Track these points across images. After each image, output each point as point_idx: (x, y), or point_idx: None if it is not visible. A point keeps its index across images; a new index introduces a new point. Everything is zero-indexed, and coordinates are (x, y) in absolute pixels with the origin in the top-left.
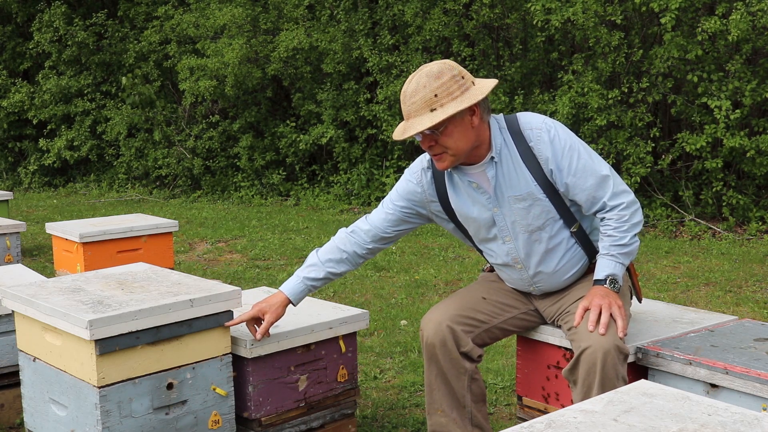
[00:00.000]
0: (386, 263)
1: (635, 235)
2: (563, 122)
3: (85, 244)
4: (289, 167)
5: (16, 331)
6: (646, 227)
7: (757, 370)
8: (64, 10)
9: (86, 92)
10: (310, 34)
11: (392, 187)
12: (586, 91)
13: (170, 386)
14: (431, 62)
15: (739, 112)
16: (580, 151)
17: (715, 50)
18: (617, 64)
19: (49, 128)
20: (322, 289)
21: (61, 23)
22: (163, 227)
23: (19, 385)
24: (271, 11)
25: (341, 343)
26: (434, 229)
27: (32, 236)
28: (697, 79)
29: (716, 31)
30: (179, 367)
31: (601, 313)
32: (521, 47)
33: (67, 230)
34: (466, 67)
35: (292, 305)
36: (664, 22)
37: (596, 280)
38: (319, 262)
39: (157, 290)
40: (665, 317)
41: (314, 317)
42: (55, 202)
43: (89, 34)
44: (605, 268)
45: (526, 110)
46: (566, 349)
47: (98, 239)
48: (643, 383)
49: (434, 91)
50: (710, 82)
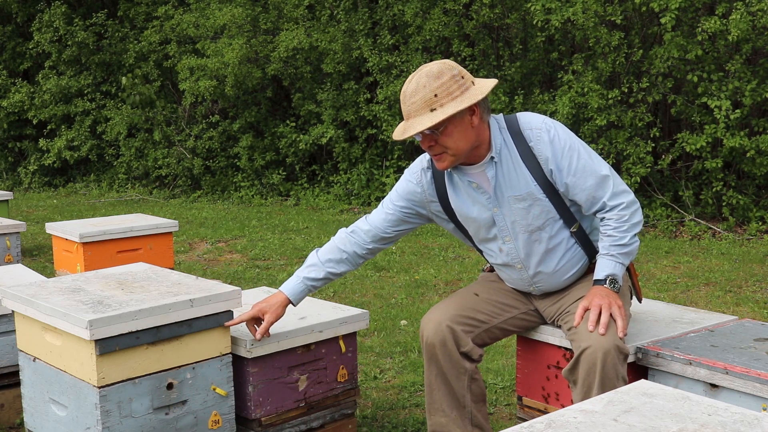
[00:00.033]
0: (386, 263)
1: (635, 235)
2: (563, 122)
3: (85, 244)
4: (289, 167)
5: (16, 331)
6: (646, 227)
7: (757, 370)
8: (64, 10)
9: (86, 92)
10: (310, 34)
11: (392, 187)
12: (586, 91)
13: (170, 386)
14: (431, 62)
15: (739, 112)
16: (579, 151)
17: (715, 50)
18: (617, 64)
19: (49, 128)
20: (322, 289)
21: (61, 23)
22: (163, 227)
23: (19, 385)
24: (271, 11)
25: (341, 343)
26: (434, 229)
27: (32, 236)
28: (697, 79)
29: (716, 31)
30: (179, 367)
31: (601, 313)
32: (521, 47)
33: (67, 230)
34: (466, 67)
35: (292, 305)
36: (664, 22)
37: (596, 280)
38: (319, 262)
39: (157, 290)
40: (665, 317)
41: (314, 317)
42: (55, 202)
43: (89, 34)
44: (605, 268)
45: (526, 110)
46: (566, 349)
47: (98, 239)
48: (643, 383)
49: (434, 91)
50: (710, 82)
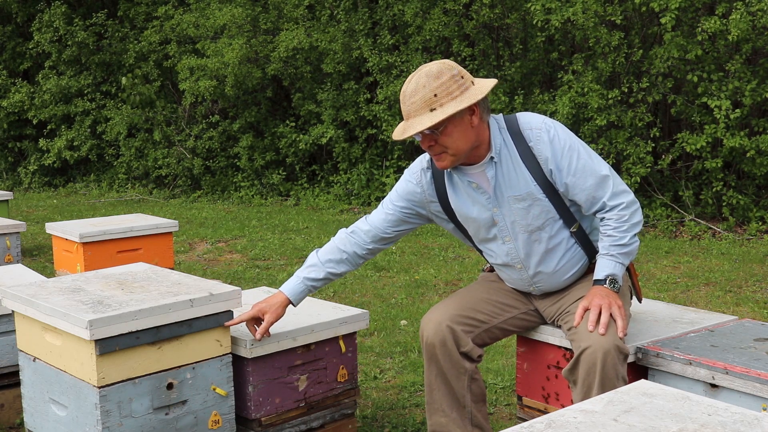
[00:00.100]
0: (386, 263)
1: (635, 235)
2: (563, 122)
3: (85, 244)
4: (289, 167)
5: (16, 331)
6: (646, 227)
7: (757, 370)
8: (64, 10)
9: (86, 92)
10: (310, 34)
11: (392, 187)
12: (586, 91)
13: (170, 386)
14: (431, 62)
15: (739, 112)
16: (579, 151)
17: (715, 50)
18: (617, 64)
19: (49, 128)
20: (322, 289)
21: (61, 23)
22: (163, 227)
23: (19, 385)
24: (271, 11)
25: (341, 343)
26: (434, 229)
27: (32, 236)
28: (697, 79)
29: (716, 31)
30: (179, 367)
31: (601, 313)
32: (521, 47)
33: (67, 230)
34: (466, 67)
35: (292, 305)
36: (664, 22)
37: (596, 280)
38: (319, 262)
39: (157, 290)
40: (665, 317)
41: (314, 317)
42: (55, 202)
43: (89, 34)
44: (605, 268)
45: (526, 110)
46: (566, 349)
47: (98, 239)
48: (643, 383)
49: (434, 90)
50: (710, 82)
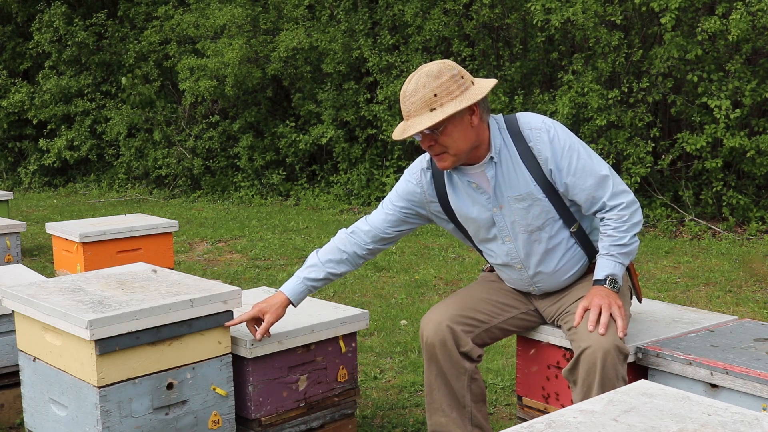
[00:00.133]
0: (386, 263)
1: (635, 235)
2: (563, 122)
3: (85, 244)
4: (289, 167)
5: (16, 331)
6: (646, 227)
7: (757, 370)
8: (64, 10)
9: (86, 92)
10: (310, 34)
11: (392, 187)
12: (586, 91)
13: (170, 386)
14: (431, 62)
15: (739, 111)
16: (579, 151)
17: (715, 50)
18: (617, 64)
19: (49, 128)
20: (322, 289)
21: (61, 23)
22: (163, 227)
23: (19, 385)
24: (271, 11)
25: (341, 343)
26: (434, 229)
27: (32, 236)
28: (697, 79)
29: (716, 31)
30: (179, 367)
31: (600, 313)
32: (521, 47)
33: (67, 230)
34: (466, 67)
35: (292, 306)
36: (664, 22)
37: (596, 280)
38: (319, 262)
39: (157, 290)
40: (665, 317)
41: (314, 317)
42: (55, 202)
43: (89, 34)
44: (605, 268)
45: (526, 110)
46: (566, 349)
47: (98, 239)
48: (643, 383)
49: (434, 90)
50: (710, 82)
